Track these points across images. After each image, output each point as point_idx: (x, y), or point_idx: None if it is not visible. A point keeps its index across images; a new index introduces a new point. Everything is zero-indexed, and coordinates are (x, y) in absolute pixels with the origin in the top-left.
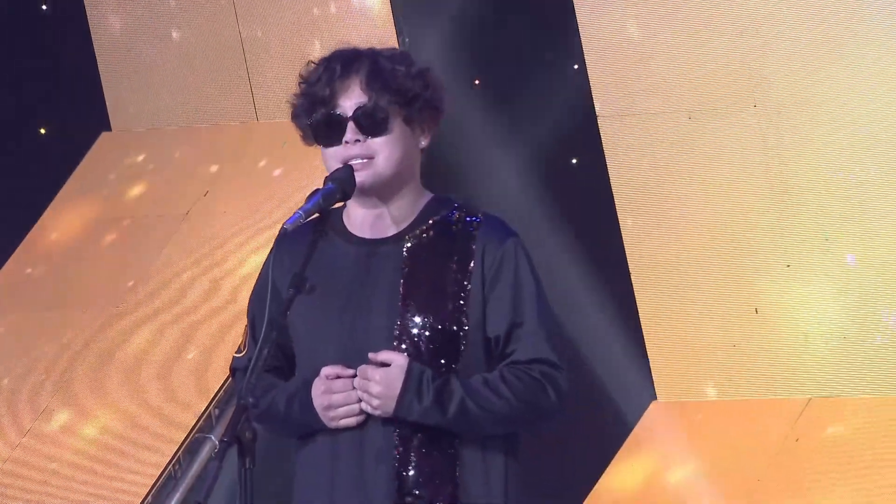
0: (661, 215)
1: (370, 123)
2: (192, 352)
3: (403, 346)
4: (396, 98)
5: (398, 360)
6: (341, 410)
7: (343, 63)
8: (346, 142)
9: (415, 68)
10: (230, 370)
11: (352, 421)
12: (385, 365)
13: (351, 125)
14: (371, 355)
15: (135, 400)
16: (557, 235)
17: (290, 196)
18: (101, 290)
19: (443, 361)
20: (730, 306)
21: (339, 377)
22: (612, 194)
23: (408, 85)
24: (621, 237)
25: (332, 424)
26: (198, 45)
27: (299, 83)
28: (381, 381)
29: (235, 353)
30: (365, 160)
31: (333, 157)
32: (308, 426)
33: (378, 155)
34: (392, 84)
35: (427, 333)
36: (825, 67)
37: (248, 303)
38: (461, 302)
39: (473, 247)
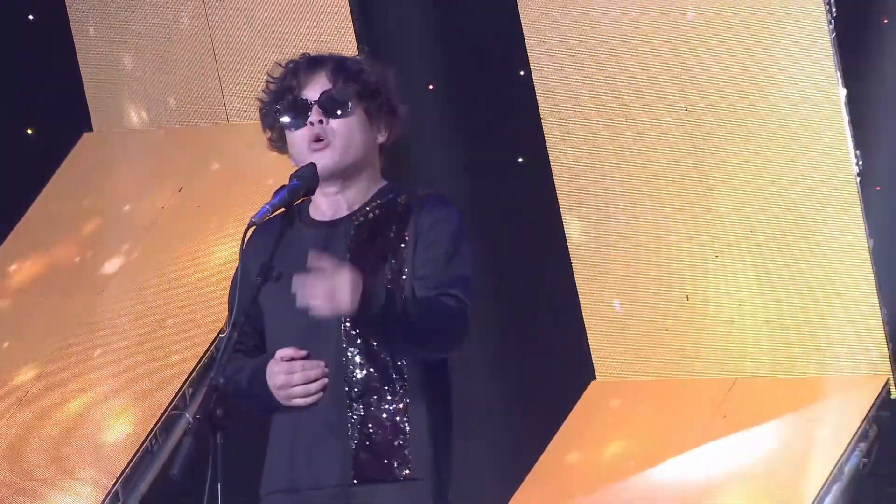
0: (599, 210)
1: (333, 105)
2: (168, 334)
3: (351, 318)
4: (358, 89)
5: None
6: (295, 390)
7: (310, 60)
8: (311, 123)
9: (375, 68)
10: (215, 352)
11: (306, 400)
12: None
13: (316, 108)
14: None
15: (113, 376)
16: (504, 228)
17: (257, 191)
18: (84, 278)
19: None
20: (663, 293)
21: (292, 359)
22: (554, 190)
23: (370, 79)
24: (563, 229)
25: (288, 403)
26: (172, 51)
27: (268, 81)
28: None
29: (221, 335)
30: (326, 143)
31: (299, 138)
32: (269, 404)
33: (337, 136)
34: (355, 77)
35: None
36: (749, 76)
37: (229, 291)
38: (399, 269)
39: (411, 219)
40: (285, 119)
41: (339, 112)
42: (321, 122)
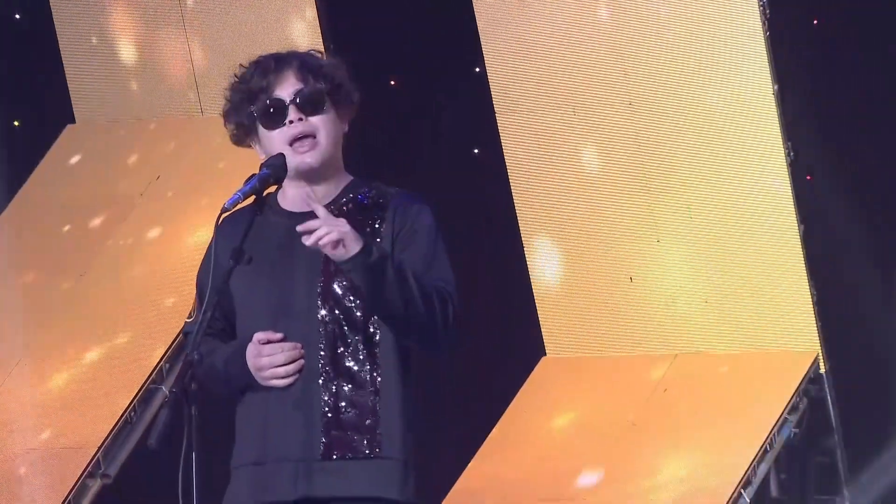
0: (550, 197)
1: (309, 104)
2: (146, 315)
3: (328, 304)
4: (326, 84)
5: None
6: (275, 371)
7: (275, 60)
8: (291, 121)
9: (334, 62)
10: (182, 334)
11: (284, 381)
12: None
13: (293, 107)
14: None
15: (94, 353)
16: (460, 215)
17: (230, 180)
18: (67, 261)
19: (365, 314)
20: (608, 274)
21: (269, 341)
22: (508, 180)
23: (334, 73)
24: (516, 216)
25: (265, 383)
26: (150, 47)
27: (233, 83)
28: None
29: (187, 318)
30: (309, 140)
31: (278, 137)
32: (244, 385)
33: (319, 132)
34: (322, 72)
35: (348, 292)
36: (688, 72)
37: (197, 275)
38: None
39: (386, 213)
40: (263, 119)
41: (316, 109)
42: (300, 119)
